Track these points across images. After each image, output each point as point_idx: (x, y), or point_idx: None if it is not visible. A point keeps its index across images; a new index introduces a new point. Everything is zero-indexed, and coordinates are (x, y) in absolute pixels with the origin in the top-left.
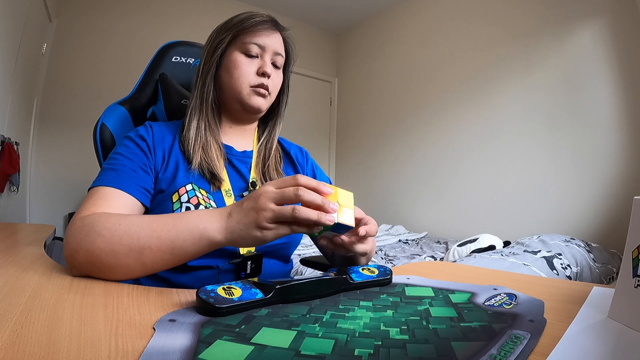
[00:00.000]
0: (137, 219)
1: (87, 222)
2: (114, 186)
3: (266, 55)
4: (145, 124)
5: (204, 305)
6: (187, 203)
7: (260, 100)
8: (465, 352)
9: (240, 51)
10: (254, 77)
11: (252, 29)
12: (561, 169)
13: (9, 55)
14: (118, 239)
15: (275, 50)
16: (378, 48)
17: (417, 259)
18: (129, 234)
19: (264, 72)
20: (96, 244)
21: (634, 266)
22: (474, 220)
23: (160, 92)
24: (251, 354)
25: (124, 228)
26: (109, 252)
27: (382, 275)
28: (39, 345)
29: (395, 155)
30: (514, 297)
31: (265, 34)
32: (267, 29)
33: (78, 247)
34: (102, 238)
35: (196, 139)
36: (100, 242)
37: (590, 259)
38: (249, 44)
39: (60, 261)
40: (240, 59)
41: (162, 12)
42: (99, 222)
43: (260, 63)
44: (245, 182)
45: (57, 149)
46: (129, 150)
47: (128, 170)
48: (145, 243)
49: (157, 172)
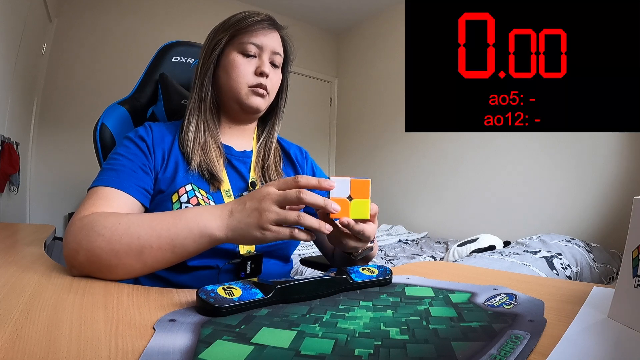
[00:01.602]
0: (137, 218)
1: (86, 222)
2: (113, 186)
3: (264, 54)
4: (145, 125)
5: (204, 305)
6: (186, 203)
7: (258, 100)
8: (465, 352)
9: (238, 51)
10: (252, 77)
11: (249, 29)
12: (561, 168)
13: (9, 55)
14: (118, 238)
15: (274, 50)
16: (378, 48)
17: (417, 259)
18: (128, 233)
19: (262, 71)
20: (96, 244)
21: (634, 266)
22: (474, 220)
23: (160, 92)
24: (251, 354)
25: (123, 227)
26: (109, 252)
27: (382, 275)
28: (39, 345)
29: (395, 155)
30: (514, 297)
31: (263, 34)
32: (265, 28)
33: (78, 247)
34: (102, 237)
35: (195, 140)
36: (100, 241)
37: (590, 259)
38: (246, 44)
39: (60, 261)
40: (238, 59)
41: (162, 12)
42: (98, 222)
43: (259, 63)
44: (245, 182)
45: (57, 149)
46: (129, 151)
47: (128, 170)
48: (146, 242)
49: (156, 173)
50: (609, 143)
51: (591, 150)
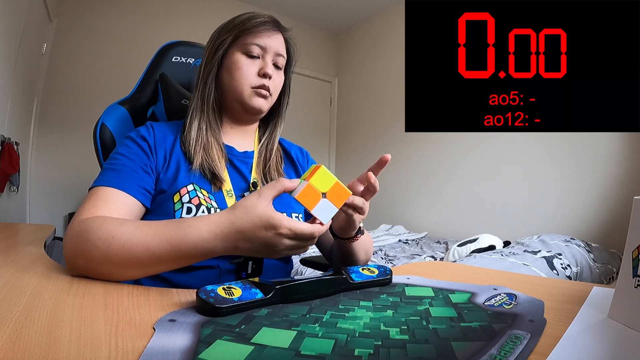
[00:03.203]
0: (131, 232)
1: (83, 228)
2: (114, 186)
3: (267, 56)
4: (147, 124)
5: (204, 305)
6: (188, 203)
7: (261, 101)
8: (465, 352)
9: (241, 52)
10: (255, 78)
11: (253, 30)
12: (561, 168)
13: (9, 55)
14: (115, 253)
15: (277, 51)
16: (378, 48)
17: (417, 259)
18: (125, 249)
19: (265, 73)
20: (93, 255)
21: (634, 266)
22: (474, 220)
23: (160, 92)
24: (251, 354)
25: (118, 243)
26: (106, 263)
27: (382, 275)
28: (39, 345)
29: (395, 155)
30: (514, 297)
31: (267, 35)
32: (269, 30)
33: (76, 252)
34: (98, 250)
35: (197, 140)
36: (96, 253)
37: (590, 259)
38: (250, 45)
39: (60, 261)
40: (241, 60)
41: (162, 12)
42: (93, 232)
43: (262, 64)
44: (247, 182)
45: (57, 149)
46: (130, 151)
47: (129, 170)
48: (146, 260)
49: (158, 173)
50: (609, 143)
51: (591, 150)
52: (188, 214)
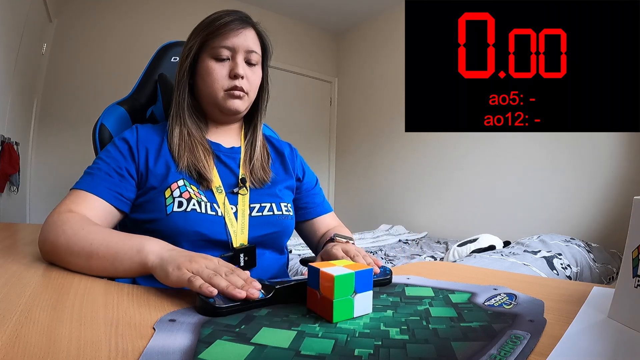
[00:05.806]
0: (99, 229)
1: (60, 219)
2: (86, 190)
3: (238, 55)
4: (132, 127)
5: (204, 305)
6: (179, 198)
7: (236, 103)
8: (465, 352)
9: (210, 57)
10: (226, 80)
11: (218, 32)
12: (561, 168)
13: (9, 55)
14: (76, 240)
15: (247, 48)
16: (378, 48)
17: (417, 259)
18: (86, 238)
19: (236, 74)
20: (59, 240)
21: (634, 266)
22: (474, 220)
23: (159, 92)
24: (251, 354)
25: (83, 232)
26: (66, 249)
27: (382, 275)
28: (39, 345)
29: (395, 155)
30: (514, 297)
31: (234, 34)
32: (235, 29)
33: (45, 238)
34: (64, 235)
35: (180, 144)
36: (62, 239)
37: (590, 259)
38: (218, 48)
39: None
40: (211, 65)
41: (162, 12)
42: (67, 222)
43: (232, 65)
44: (236, 177)
45: (57, 149)
46: (109, 155)
47: (102, 174)
48: (95, 249)
49: (141, 173)
50: (609, 143)
51: (591, 150)
52: (179, 207)
